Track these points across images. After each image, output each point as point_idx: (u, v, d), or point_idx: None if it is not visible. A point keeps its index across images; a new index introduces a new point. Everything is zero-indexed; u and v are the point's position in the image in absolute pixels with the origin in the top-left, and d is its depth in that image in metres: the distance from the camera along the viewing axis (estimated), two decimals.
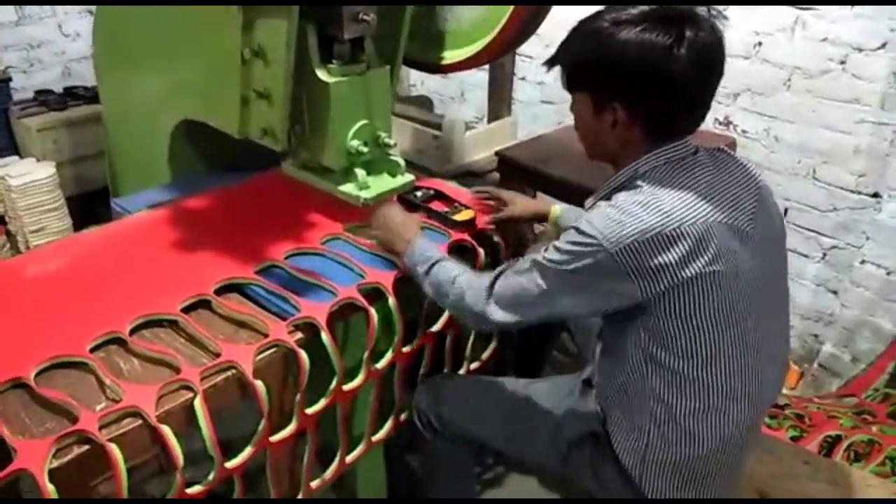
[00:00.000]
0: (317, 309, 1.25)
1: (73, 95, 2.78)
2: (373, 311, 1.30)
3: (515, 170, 2.04)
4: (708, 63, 1.02)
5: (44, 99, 2.73)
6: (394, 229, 1.38)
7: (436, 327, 1.49)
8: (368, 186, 1.55)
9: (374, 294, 1.34)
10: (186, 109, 1.67)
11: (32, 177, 2.42)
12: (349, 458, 1.44)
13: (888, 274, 2.13)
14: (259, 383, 1.12)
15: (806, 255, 2.37)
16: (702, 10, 1.02)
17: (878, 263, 2.15)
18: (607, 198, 1.09)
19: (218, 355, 1.14)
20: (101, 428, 1.00)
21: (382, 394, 1.46)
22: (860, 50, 2.06)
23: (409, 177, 1.62)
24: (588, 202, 1.18)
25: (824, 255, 2.33)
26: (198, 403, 1.07)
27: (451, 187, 1.74)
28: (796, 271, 2.41)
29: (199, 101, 1.60)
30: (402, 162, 1.61)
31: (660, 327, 1.05)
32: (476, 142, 2.18)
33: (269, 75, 1.38)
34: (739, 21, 2.28)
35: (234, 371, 1.13)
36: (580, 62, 1.09)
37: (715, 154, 1.13)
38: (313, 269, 1.37)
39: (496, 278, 1.18)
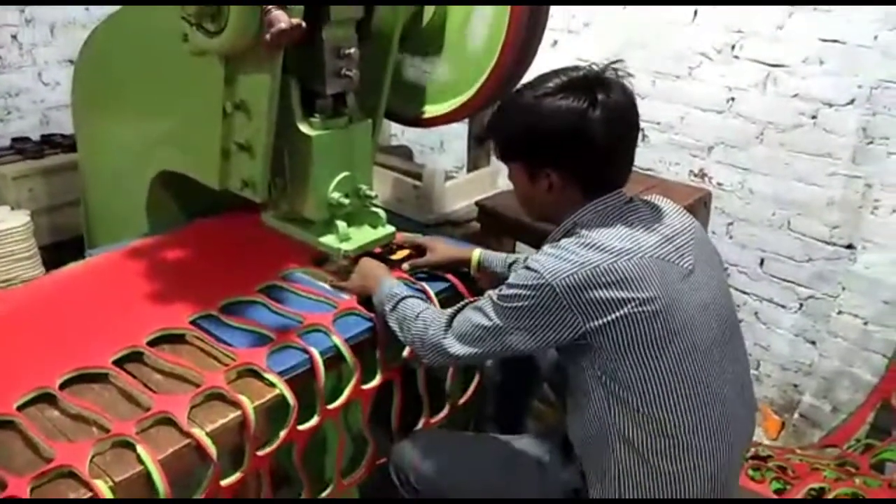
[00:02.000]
0: (254, 354, 1.27)
1: (50, 143, 2.74)
2: (314, 351, 1.29)
3: (495, 219, 2.04)
4: (621, 119, 1.13)
5: (20, 147, 2.69)
6: (364, 273, 1.47)
7: (395, 363, 1.46)
8: (349, 238, 1.55)
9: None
10: (166, 161, 1.66)
11: (6, 225, 2.37)
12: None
13: (865, 324, 2.15)
14: (197, 431, 1.10)
15: (783, 306, 2.39)
16: (610, 74, 1.14)
17: (854, 314, 2.17)
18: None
19: (149, 408, 1.14)
20: (33, 490, 0.98)
21: (357, 435, 1.45)
22: (830, 105, 2.12)
23: (389, 228, 1.62)
24: None
25: (801, 305, 2.35)
26: (143, 452, 1.05)
27: None
28: (774, 321, 2.43)
29: (178, 153, 1.59)
30: (382, 214, 1.61)
31: (611, 363, 1.09)
32: (456, 191, 2.19)
33: (251, 128, 1.38)
34: (713, 77, 2.34)
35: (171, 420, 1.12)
36: (510, 135, 1.21)
37: (649, 202, 1.22)
38: (251, 318, 1.38)
39: (456, 312, 1.26)
